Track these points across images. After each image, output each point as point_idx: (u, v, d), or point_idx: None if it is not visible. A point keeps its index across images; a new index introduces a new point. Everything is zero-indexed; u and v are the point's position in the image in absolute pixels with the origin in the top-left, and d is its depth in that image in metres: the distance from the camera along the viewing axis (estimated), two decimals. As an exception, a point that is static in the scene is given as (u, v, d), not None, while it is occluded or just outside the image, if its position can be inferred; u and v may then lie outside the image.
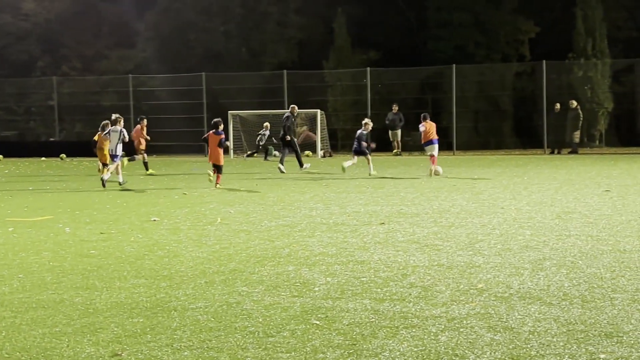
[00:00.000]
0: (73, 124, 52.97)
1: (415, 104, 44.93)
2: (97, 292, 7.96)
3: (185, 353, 5.90)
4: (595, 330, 6.22)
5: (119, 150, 22.30)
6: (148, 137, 28.73)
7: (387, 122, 38.88)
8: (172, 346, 6.06)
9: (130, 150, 28.38)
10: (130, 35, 54.26)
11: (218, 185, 20.67)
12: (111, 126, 22.57)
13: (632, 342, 5.92)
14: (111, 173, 21.78)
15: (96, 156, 25.25)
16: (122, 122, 22.63)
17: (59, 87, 48.90)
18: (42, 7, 55.42)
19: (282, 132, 28.08)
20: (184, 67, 49.81)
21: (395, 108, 38.67)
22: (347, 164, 24.49)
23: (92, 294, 7.91)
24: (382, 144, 40.97)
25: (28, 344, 6.21)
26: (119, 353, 5.92)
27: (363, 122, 25.05)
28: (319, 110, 39.86)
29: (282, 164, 26.76)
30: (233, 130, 40.40)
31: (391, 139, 39.13)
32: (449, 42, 48.55)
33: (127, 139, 22.73)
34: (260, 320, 6.74)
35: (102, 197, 18.69)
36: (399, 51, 49.91)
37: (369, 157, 24.47)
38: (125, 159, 26.31)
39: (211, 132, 21.61)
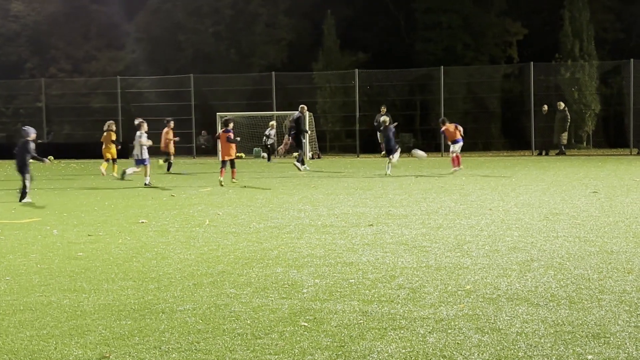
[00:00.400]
0: (61, 125, 52.83)
1: (403, 105, 45.07)
2: (85, 295, 7.95)
3: (174, 355, 5.89)
4: (582, 331, 6.24)
5: (145, 154, 23.00)
6: (177, 138, 29.90)
7: (375, 123, 38.87)
8: (160, 348, 6.05)
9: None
10: (119, 37, 54.14)
11: (235, 181, 22.08)
12: (137, 131, 23.49)
13: (619, 343, 5.95)
14: (135, 173, 22.91)
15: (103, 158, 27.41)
16: (145, 126, 23.35)
17: (47, 88, 48.77)
18: (31, 9, 55.26)
19: (294, 132, 29.08)
20: (173, 68, 49.77)
21: (383, 110, 38.67)
22: (389, 170, 25.16)
23: (79, 296, 7.90)
24: (370, 146, 41.04)
25: (16, 347, 6.19)
26: (107, 355, 5.91)
27: (382, 119, 26.43)
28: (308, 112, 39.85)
29: (303, 163, 28.15)
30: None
31: (379, 141, 39.13)
32: (438, 43, 48.66)
33: (145, 143, 23.13)
34: (249, 322, 6.74)
35: (89, 199, 18.64)
36: (387, 53, 49.99)
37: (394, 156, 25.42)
38: (162, 162, 28.35)
39: (221, 131, 23.04)
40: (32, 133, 18.75)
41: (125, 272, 9.10)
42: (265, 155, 38.69)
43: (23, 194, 18.23)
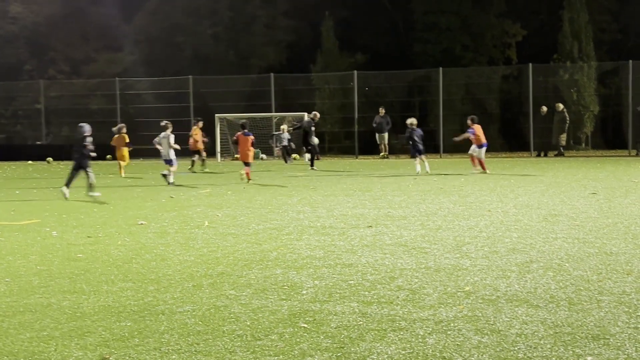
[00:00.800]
0: (60, 127, 52.83)
1: (402, 107, 45.07)
2: (85, 296, 7.95)
3: (173, 357, 5.89)
4: (582, 333, 6.25)
5: (172, 155, 23.70)
6: (206, 139, 31.14)
7: (374, 125, 38.94)
8: (159, 350, 6.05)
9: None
10: (118, 39, 54.13)
11: (243, 178, 22.90)
12: (161, 132, 24.13)
13: (619, 344, 5.95)
14: (172, 173, 23.42)
15: (116, 159, 29.13)
16: (171, 128, 24.08)
17: (46, 90, 48.76)
18: (30, 11, 55.24)
19: (303, 136, 30.37)
20: (172, 70, 49.72)
21: (382, 111, 38.71)
22: (418, 168, 25.29)
23: (79, 297, 7.90)
24: (369, 147, 41.06)
25: (16, 348, 6.19)
26: (107, 357, 5.91)
27: (409, 121, 25.87)
28: (305, 114, 39.87)
29: (312, 165, 29.74)
30: (220, 133, 40.44)
31: (378, 142, 39.21)
32: (436, 45, 48.65)
33: (173, 144, 23.85)
34: (248, 323, 6.74)
35: (88, 200, 18.63)
36: (386, 54, 49.99)
37: (424, 156, 25.70)
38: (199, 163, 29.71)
39: (240, 133, 23.69)
40: (88, 130, 19.23)
41: (124, 273, 9.11)
42: (264, 156, 38.70)
43: (90, 186, 18.84)
